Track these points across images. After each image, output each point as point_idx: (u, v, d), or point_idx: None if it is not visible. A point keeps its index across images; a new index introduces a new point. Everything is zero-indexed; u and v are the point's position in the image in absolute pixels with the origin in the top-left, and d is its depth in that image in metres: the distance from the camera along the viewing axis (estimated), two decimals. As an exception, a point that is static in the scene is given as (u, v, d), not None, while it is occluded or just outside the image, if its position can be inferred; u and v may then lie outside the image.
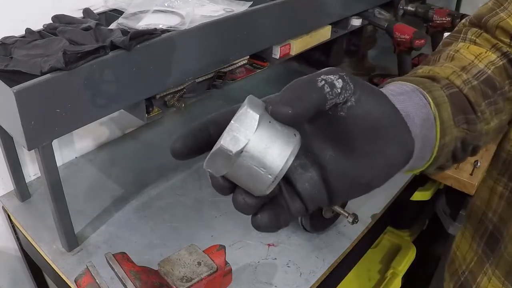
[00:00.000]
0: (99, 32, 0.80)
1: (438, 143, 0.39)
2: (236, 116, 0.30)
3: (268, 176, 0.30)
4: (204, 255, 0.70)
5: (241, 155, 0.30)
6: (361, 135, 0.32)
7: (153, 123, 1.22)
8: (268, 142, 0.30)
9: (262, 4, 0.99)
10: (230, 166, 0.31)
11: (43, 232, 0.91)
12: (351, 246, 0.92)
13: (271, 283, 0.82)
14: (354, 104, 0.32)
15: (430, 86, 0.41)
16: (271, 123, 0.30)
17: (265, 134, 0.30)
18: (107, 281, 0.66)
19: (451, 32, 0.56)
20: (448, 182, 1.24)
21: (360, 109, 0.32)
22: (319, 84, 0.31)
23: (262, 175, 0.30)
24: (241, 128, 0.30)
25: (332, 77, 0.31)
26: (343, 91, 0.31)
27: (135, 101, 0.84)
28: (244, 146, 0.30)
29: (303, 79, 0.32)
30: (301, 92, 0.31)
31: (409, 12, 1.52)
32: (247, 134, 0.30)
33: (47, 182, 0.78)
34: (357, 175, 0.33)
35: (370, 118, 0.32)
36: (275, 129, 0.30)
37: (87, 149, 1.16)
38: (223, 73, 1.05)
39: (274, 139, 0.30)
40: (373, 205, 1.00)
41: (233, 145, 0.30)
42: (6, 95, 0.68)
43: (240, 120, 0.30)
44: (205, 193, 1.03)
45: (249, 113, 0.30)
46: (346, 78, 0.32)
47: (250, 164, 0.30)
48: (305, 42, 1.16)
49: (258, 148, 0.30)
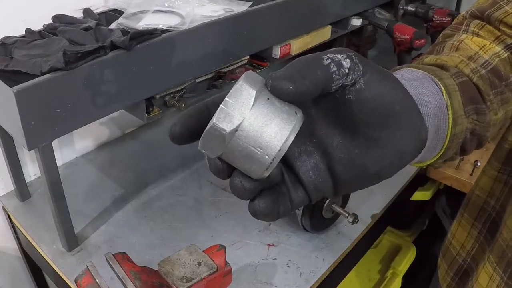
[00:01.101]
0: (99, 32, 0.80)
1: (450, 133, 0.37)
2: (231, 92, 0.28)
3: (266, 157, 0.28)
4: (204, 255, 0.70)
5: (235, 134, 0.27)
6: (371, 121, 0.30)
7: (153, 123, 1.21)
8: (266, 120, 0.28)
9: (262, 4, 0.99)
10: (224, 146, 0.28)
11: (43, 232, 0.91)
12: (351, 246, 0.92)
13: (271, 283, 0.82)
14: (363, 86, 0.29)
15: (440, 74, 0.39)
16: (270, 100, 0.28)
17: (262, 111, 0.28)
18: (107, 281, 0.66)
19: (451, 24, 0.54)
20: (448, 182, 1.24)
21: (369, 92, 0.29)
22: (325, 62, 0.29)
23: (258, 156, 0.28)
24: (236, 105, 0.27)
25: (339, 56, 0.29)
26: (351, 71, 0.29)
27: (135, 101, 0.84)
28: (238, 125, 0.27)
29: (308, 56, 0.29)
30: (305, 69, 0.28)
31: (409, 12, 1.52)
32: (242, 111, 0.27)
33: (47, 182, 0.78)
34: (366, 164, 0.31)
35: (381, 102, 0.30)
36: (274, 106, 0.28)
37: (87, 149, 1.16)
38: (223, 73, 1.05)
39: (272, 117, 0.28)
40: (373, 205, 1.00)
41: (226, 123, 0.27)
42: (6, 95, 0.68)
43: (235, 96, 0.27)
44: (205, 193, 1.03)
45: (245, 88, 0.27)
46: (355, 58, 0.29)
47: (245, 144, 0.28)
48: (305, 42, 1.16)
49: (254, 126, 0.27)
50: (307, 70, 0.28)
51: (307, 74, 0.28)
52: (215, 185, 1.05)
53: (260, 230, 0.93)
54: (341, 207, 0.89)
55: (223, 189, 1.04)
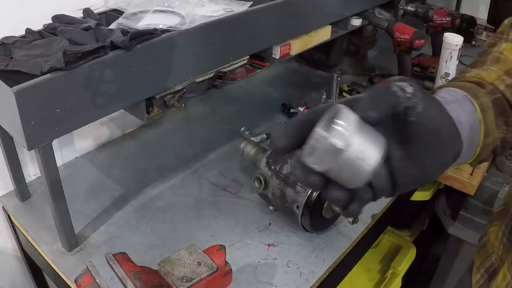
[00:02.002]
0: (99, 32, 0.80)
1: (482, 144, 0.45)
2: (336, 114, 0.35)
3: (368, 168, 0.35)
4: (204, 255, 0.70)
5: (347, 150, 0.34)
6: (425, 140, 0.38)
7: (153, 123, 1.22)
8: (367, 139, 0.35)
9: (262, 4, 0.99)
10: (336, 159, 0.34)
11: (43, 232, 0.91)
12: (351, 246, 0.92)
13: (271, 283, 0.82)
14: (421, 111, 0.36)
15: (477, 92, 0.46)
16: (362, 122, 0.35)
17: (364, 131, 0.35)
18: (107, 281, 0.66)
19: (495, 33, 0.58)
20: (448, 182, 1.24)
21: (426, 115, 0.37)
22: (393, 88, 0.36)
23: (363, 166, 0.35)
24: (345, 125, 0.34)
25: (404, 84, 0.36)
26: (413, 96, 0.36)
27: (135, 101, 0.84)
28: (350, 142, 0.34)
29: (380, 86, 0.37)
30: (380, 97, 0.36)
31: (409, 12, 1.52)
32: (351, 131, 0.34)
33: (47, 182, 0.78)
34: (418, 174, 0.39)
35: (434, 126, 0.38)
36: (367, 128, 0.35)
37: (87, 149, 1.16)
38: (223, 73, 1.05)
39: (370, 136, 0.35)
40: (373, 205, 0.99)
41: (340, 140, 0.33)
42: (6, 95, 0.68)
43: (342, 117, 0.34)
44: (205, 193, 1.03)
45: (348, 112, 0.34)
46: (415, 86, 0.37)
47: (353, 156, 0.34)
48: (305, 42, 1.16)
49: (360, 144, 0.34)
50: (382, 98, 0.36)
51: (382, 101, 0.36)
52: (215, 185, 1.05)
53: (260, 230, 0.93)
54: (341, 207, 0.89)
55: (223, 189, 1.04)
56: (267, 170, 0.92)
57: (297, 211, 0.87)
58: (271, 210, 0.97)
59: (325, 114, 0.36)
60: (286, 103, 1.36)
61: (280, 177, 0.89)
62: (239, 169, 1.10)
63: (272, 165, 0.91)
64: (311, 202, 0.85)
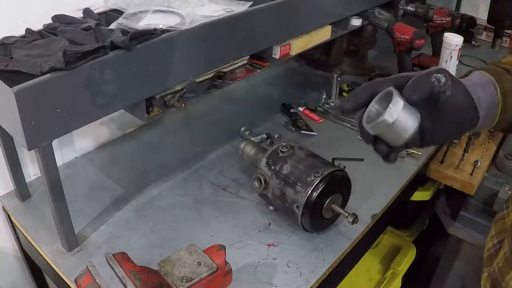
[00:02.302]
0: (99, 32, 0.80)
1: (498, 118, 0.60)
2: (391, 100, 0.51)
3: (407, 135, 0.52)
4: (204, 255, 0.70)
5: (394, 123, 0.51)
6: (449, 115, 0.55)
7: (153, 123, 1.22)
8: (408, 115, 0.51)
9: (262, 4, 0.99)
10: (385, 129, 0.52)
11: (43, 232, 0.91)
12: (351, 246, 0.92)
13: (271, 283, 0.82)
14: (449, 95, 0.53)
15: (502, 78, 0.60)
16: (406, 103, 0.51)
17: (406, 111, 0.51)
18: (107, 281, 0.66)
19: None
20: (448, 182, 1.24)
21: (453, 98, 0.54)
22: (432, 79, 0.52)
23: (403, 134, 0.52)
24: (394, 108, 0.50)
25: (439, 75, 0.52)
26: (445, 84, 0.52)
27: (135, 101, 0.84)
28: (397, 118, 0.50)
29: (422, 75, 0.52)
30: (421, 85, 0.52)
31: (409, 12, 1.52)
32: (398, 111, 0.50)
33: (47, 182, 0.78)
34: (440, 135, 0.56)
35: (456, 105, 0.55)
36: (409, 107, 0.51)
37: (87, 149, 1.16)
38: (223, 73, 1.05)
39: (410, 113, 0.51)
40: (373, 205, 1.00)
41: (390, 118, 0.50)
42: (6, 95, 0.68)
43: (393, 100, 0.50)
44: (205, 193, 1.03)
45: (397, 96, 0.51)
46: (448, 76, 0.53)
47: (398, 128, 0.51)
48: (305, 42, 1.16)
49: (404, 119, 0.51)
50: (422, 85, 0.52)
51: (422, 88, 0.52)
52: (215, 185, 1.05)
53: (260, 230, 0.93)
54: (341, 207, 0.89)
55: (223, 189, 1.04)
56: (267, 170, 0.92)
57: (297, 211, 0.87)
58: (271, 210, 0.97)
59: (381, 93, 0.53)
60: (286, 103, 1.36)
61: (280, 177, 0.89)
62: (239, 169, 1.10)
63: (272, 165, 0.92)
64: (311, 202, 0.85)
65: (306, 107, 1.35)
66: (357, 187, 0.96)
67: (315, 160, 0.91)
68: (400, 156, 1.14)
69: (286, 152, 0.92)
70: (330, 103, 1.38)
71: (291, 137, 1.23)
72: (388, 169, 1.11)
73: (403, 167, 1.13)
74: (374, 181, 1.06)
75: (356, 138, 1.23)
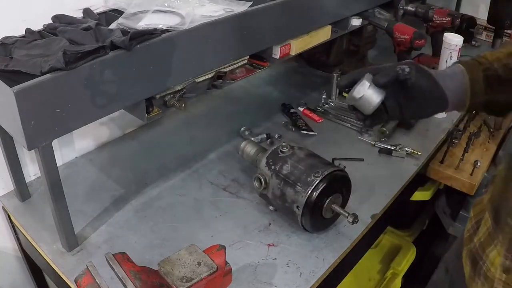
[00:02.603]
0: (99, 32, 0.80)
1: (469, 102, 0.71)
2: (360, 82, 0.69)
3: (372, 105, 0.69)
4: (204, 255, 0.70)
5: (361, 98, 0.69)
6: (415, 97, 0.70)
7: (153, 123, 1.22)
8: (373, 94, 0.69)
9: (262, 4, 0.99)
10: (356, 102, 0.70)
11: (43, 232, 0.91)
12: (351, 246, 0.92)
13: (271, 283, 0.82)
14: (414, 80, 0.68)
15: (474, 69, 0.71)
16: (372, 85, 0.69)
17: (371, 90, 0.69)
18: (107, 281, 0.66)
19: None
20: (448, 182, 1.24)
21: (417, 83, 0.69)
22: (397, 69, 0.68)
23: (368, 106, 0.69)
24: (361, 87, 0.69)
25: (404, 66, 0.67)
26: (409, 73, 0.67)
27: (135, 101, 0.84)
28: (363, 94, 0.69)
29: (390, 66, 0.70)
30: (387, 72, 0.68)
31: (409, 12, 1.52)
32: (363, 90, 0.68)
33: (47, 182, 0.78)
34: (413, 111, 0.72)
35: (420, 90, 0.69)
36: (375, 88, 0.69)
37: (87, 149, 1.16)
38: (223, 73, 1.05)
39: (375, 92, 0.69)
40: (373, 205, 1.00)
41: (357, 94, 0.69)
42: (6, 95, 0.68)
43: (361, 84, 0.69)
44: (205, 193, 1.03)
45: (364, 81, 0.69)
46: (413, 67, 0.68)
47: (364, 102, 0.69)
48: (305, 42, 1.16)
49: (371, 94, 0.69)
50: (388, 73, 0.68)
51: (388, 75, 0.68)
52: (215, 185, 1.05)
53: (260, 230, 0.93)
54: (341, 207, 0.89)
55: (223, 189, 1.04)
56: (267, 170, 0.92)
57: (297, 211, 0.87)
58: (271, 210, 0.97)
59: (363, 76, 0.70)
60: (286, 103, 1.36)
61: (280, 177, 0.90)
62: (239, 169, 1.10)
63: (272, 165, 0.92)
64: (311, 202, 0.85)
65: (306, 107, 1.35)
66: (357, 187, 0.97)
67: (315, 160, 0.91)
68: (400, 156, 1.14)
69: (286, 152, 0.92)
70: (330, 103, 1.38)
71: (291, 137, 1.23)
72: (388, 169, 1.11)
73: (403, 167, 1.13)
74: (374, 181, 1.06)
75: (356, 138, 1.23)
